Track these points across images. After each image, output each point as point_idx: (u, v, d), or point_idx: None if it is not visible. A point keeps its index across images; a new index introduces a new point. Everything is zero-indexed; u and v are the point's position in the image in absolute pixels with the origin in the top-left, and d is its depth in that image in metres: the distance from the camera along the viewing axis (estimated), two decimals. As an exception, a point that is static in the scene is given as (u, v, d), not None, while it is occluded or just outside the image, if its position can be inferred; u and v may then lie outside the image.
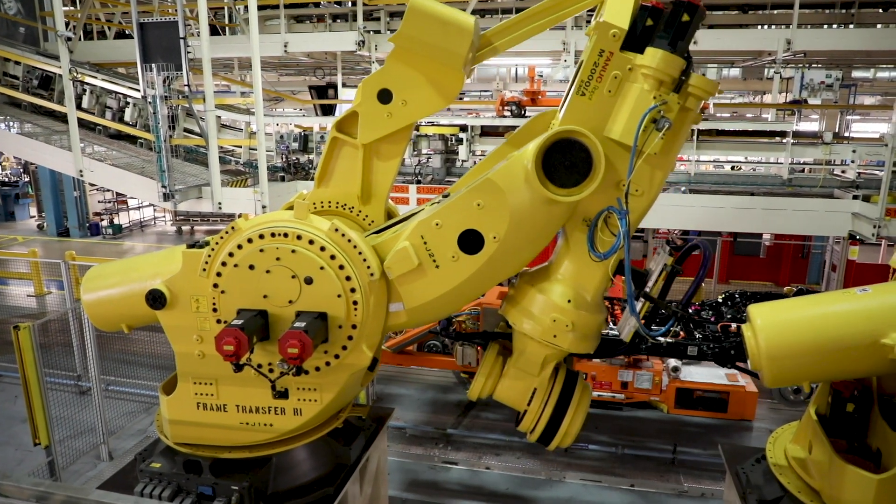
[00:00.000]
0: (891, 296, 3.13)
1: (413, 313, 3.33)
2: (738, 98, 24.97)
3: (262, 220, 3.25)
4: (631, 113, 2.83)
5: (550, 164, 2.91)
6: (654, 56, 2.76)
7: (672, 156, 3.05)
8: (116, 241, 20.30)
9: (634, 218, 3.08)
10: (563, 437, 3.47)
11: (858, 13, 11.45)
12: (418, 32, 3.01)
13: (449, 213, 3.11)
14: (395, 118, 3.29)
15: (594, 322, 3.28)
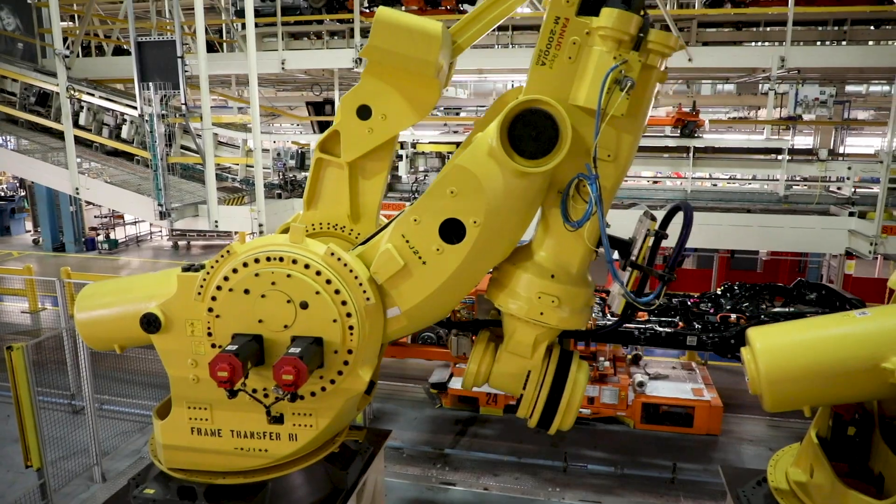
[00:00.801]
0: (890, 319, 3.12)
1: (411, 316, 3.28)
2: (732, 112, 25.12)
3: (257, 243, 3.24)
4: (593, 76, 2.79)
5: (517, 137, 2.86)
6: (610, 15, 2.73)
7: (640, 117, 2.99)
8: (112, 256, 20.23)
9: (609, 185, 3.03)
10: (563, 418, 3.39)
11: (851, 30, 11.54)
12: (387, 44, 2.98)
13: (425, 207, 3.06)
14: (377, 133, 3.27)
15: (581, 295, 3.21)
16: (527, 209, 3.09)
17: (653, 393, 8.41)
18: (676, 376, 9.04)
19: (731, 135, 22.16)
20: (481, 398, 8.68)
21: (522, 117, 2.83)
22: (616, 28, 2.72)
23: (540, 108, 2.81)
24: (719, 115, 25.88)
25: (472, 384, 3.58)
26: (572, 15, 2.81)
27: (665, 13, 10.48)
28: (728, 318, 6.80)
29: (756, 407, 7.97)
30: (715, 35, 12.12)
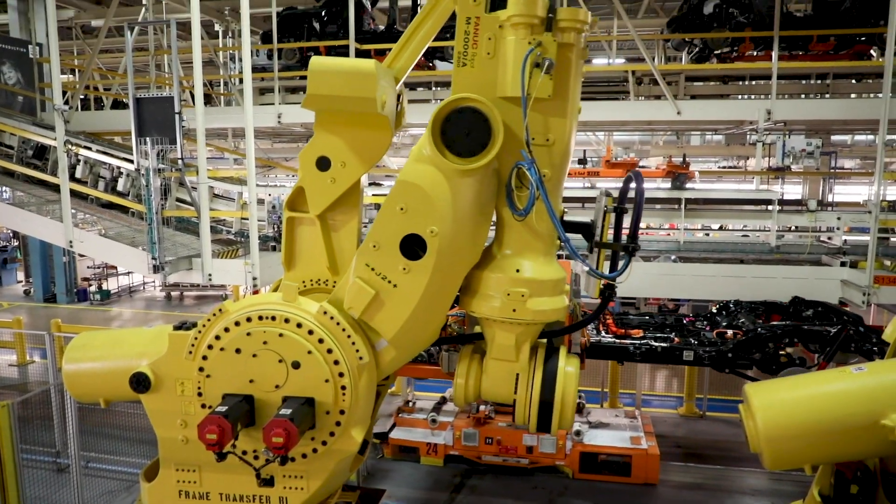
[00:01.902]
0: (887, 374, 3.10)
1: (398, 344, 3.21)
2: (722, 162, 25.51)
3: (249, 302, 3.22)
4: (513, 64, 2.81)
5: (449, 139, 2.85)
6: (517, 3, 2.77)
7: (570, 98, 2.97)
8: (104, 307, 20.07)
9: (554, 169, 3.00)
10: (560, 416, 3.27)
11: (833, 83, 11.87)
12: (324, 90, 3.00)
13: (380, 231, 3.03)
14: (339, 181, 3.27)
15: (550, 284, 3.13)
16: (481, 208, 3.06)
17: (591, 441, 8.34)
18: (617, 424, 8.95)
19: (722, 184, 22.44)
20: (421, 448, 8.59)
21: (451, 118, 2.84)
22: (524, 13, 2.77)
23: (466, 106, 2.83)
24: (709, 164, 26.30)
25: (463, 399, 3.46)
26: (482, 13, 2.87)
27: (653, 68, 10.77)
28: (724, 333, 6.75)
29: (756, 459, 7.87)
30: (702, 88, 12.43)
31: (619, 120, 11.98)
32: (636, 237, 3.14)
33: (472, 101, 2.82)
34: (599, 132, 19.90)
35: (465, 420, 8.51)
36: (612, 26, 18.68)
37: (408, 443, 8.64)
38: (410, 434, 8.70)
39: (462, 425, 8.41)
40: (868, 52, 11.83)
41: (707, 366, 6.36)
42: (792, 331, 6.76)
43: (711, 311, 7.44)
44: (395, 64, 3.28)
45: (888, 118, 7.97)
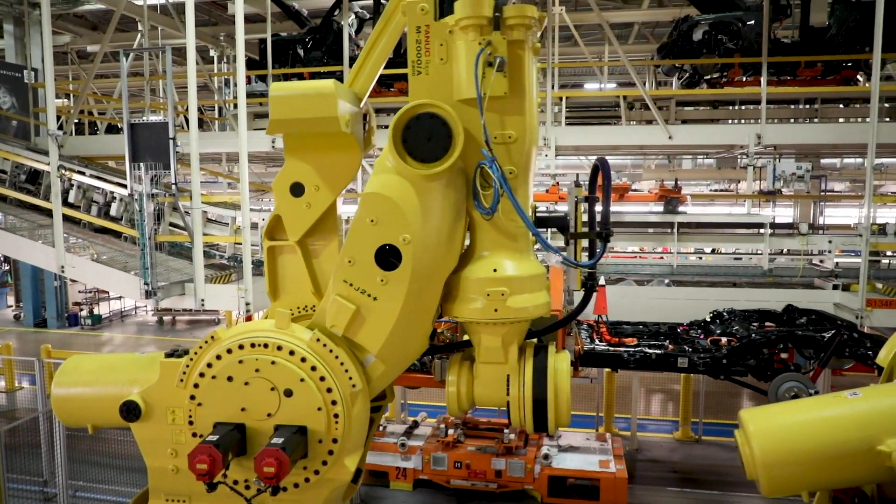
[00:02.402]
0: (882, 399, 3.09)
1: (386, 358, 3.17)
2: (714, 185, 25.72)
3: (241, 329, 3.19)
4: (465, 66, 2.84)
5: (411, 146, 2.85)
6: (464, 6, 2.80)
7: (527, 94, 2.98)
8: (95, 332, 19.89)
9: (519, 165, 3.00)
10: (556, 413, 3.21)
11: (821, 108, 12.05)
12: (286, 114, 3.01)
13: (353, 245, 3.01)
14: (315, 205, 3.27)
15: (529, 280, 3.10)
16: (452, 211, 3.04)
17: (559, 465, 8.25)
18: (587, 448, 8.88)
19: (714, 208, 22.61)
20: (391, 472, 8.50)
21: (410, 126, 2.85)
22: (471, 15, 2.79)
23: (424, 112, 2.84)
24: (701, 187, 26.51)
25: (456, 408, 3.40)
26: (432, 21, 2.91)
27: (644, 93, 10.91)
28: (718, 341, 6.74)
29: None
30: (693, 113, 12.59)
31: (612, 144, 12.09)
32: (608, 223, 3.15)
33: (429, 107, 2.84)
34: (592, 156, 20.05)
35: (435, 444, 8.44)
36: (603, 52, 18.98)
37: (377, 467, 8.54)
38: (380, 458, 8.58)
39: (431, 449, 8.34)
40: (855, 78, 12.04)
41: (702, 372, 6.34)
42: (786, 336, 6.77)
43: (705, 319, 7.44)
44: (356, 84, 3.30)
45: (876, 142, 8.08)
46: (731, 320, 7.31)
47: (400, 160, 2.85)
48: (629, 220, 11.93)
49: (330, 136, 3.09)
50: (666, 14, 16.83)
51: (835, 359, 6.83)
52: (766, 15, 10.73)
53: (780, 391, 6.72)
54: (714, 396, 12.40)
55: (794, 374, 6.68)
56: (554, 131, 10.76)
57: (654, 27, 20.28)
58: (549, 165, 11.04)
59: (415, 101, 2.86)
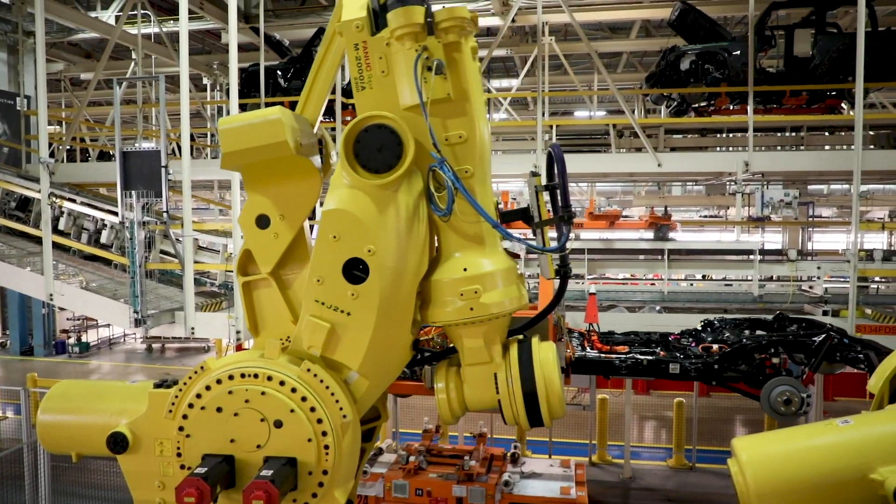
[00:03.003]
0: (873, 427, 3.09)
1: (368, 372, 3.11)
2: (703, 211, 25.97)
3: (232, 359, 3.16)
4: (406, 75, 2.87)
5: (363, 158, 2.87)
6: (395, 17, 2.83)
7: (473, 91, 3.00)
8: (82, 360, 19.66)
9: (475, 164, 3.01)
10: (549, 405, 3.14)
11: (808, 136, 12.25)
12: (236, 145, 3.01)
13: (319, 264, 3.00)
14: (282, 234, 3.25)
15: (500, 273, 3.07)
16: (413, 217, 3.01)
17: (520, 492, 8.21)
18: (549, 474, 8.85)
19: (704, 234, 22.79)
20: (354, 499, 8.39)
21: (360, 139, 2.88)
22: (404, 24, 2.83)
23: (372, 124, 2.87)
24: (691, 213, 26.76)
25: (449, 416, 3.30)
26: (368, 36, 2.94)
27: (633, 121, 11.06)
28: (710, 348, 6.75)
29: None
30: (682, 141, 12.77)
31: (602, 172, 12.21)
32: (569, 205, 3.16)
33: (376, 118, 2.88)
34: (583, 183, 20.24)
35: (397, 471, 8.38)
36: (592, 81, 19.28)
37: None
38: (342, 486, 8.49)
39: (393, 476, 8.27)
40: (839, 106, 12.27)
41: (694, 378, 6.33)
42: (777, 341, 6.81)
43: (696, 328, 7.46)
44: (306, 111, 3.33)
45: (861, 169, 8.20)
46: (723, 328, 7.37)
47: (354, 173, 2.87)
48: (620, 246, 12.01)
49: (285, 163, 3.09)
50: (654, 44, 17.16)
51: (826, 364, 6.87)
52: (751, 45, 10.95)
53: (772, 395, 6.72)
54: (707, 423, 12.37)
55: (786, 379, 6.70)
56: (545, 159, 10.86)
57: (643, 56, 20.65)
58: (540, 193, 11.11)
59: (362, 115, 2.91)
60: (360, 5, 2.99)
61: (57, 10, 13.18)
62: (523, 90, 18.41)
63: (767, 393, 6.72)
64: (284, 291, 3.38)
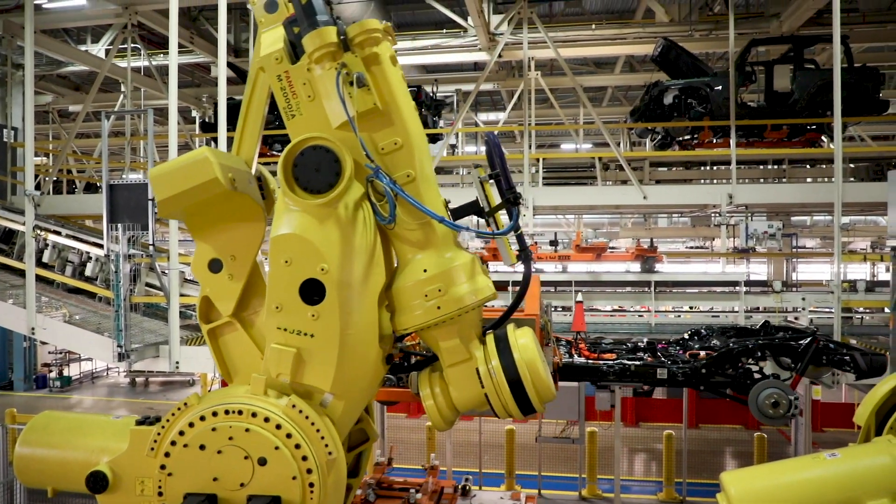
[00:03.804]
0: (861, 460, 3.10)
1: (341, 392, 3.09)
2: (689, 242, 26.21)
3: (216, 395, 3.13)
4: (330, 94, 2.94)
5: (304, 181, 2.91)
6: (310, 41, 2.90)
7: (399, 98, 3.05)
8: (64, 394, 19.29)
9: (416, 167, 3.06)
10: (536, 390, 3.14)
11: (789, 169, 12.47)
12: (169, 191, 3.02)
13: (275, 291, 3.01)
14: (237, 274, 3.25)
15: (459, 268, 3.09)
16: (361, 230, 3.04)
17: None
18: None
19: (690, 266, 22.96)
20: None
21: (297, 163, 2.92)
22: (320, 46, 2.89)
23: (307, 147, 2.92)
24: (677, 244, 26.99)
25: (441, 422, 3.30)
26: (289, 66, 3.01)
27: (618, 154, 11.22)
28: (697, 354, 6.80)
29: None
30: (666, 174, 12.94)
31: (589, 204, 12.33)
32: (512, 187, 3.22)
33: (309, 140, 2.93)
34: (570, 215, 20.41)
35: None
36: (578, 114, 19.58)
37: None
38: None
39: None
40: (819, 140, 12.54)
41: (681, 383, 6.36)
42: (764, 345, 6.87)
43: (684, 337, 7.49)
44: (241, 151, 3.36)
45: (842, 201, 8.34)
46: (710, 336, 7.43)
47: (296, 197, 2.91)
48: (607, 279, 12.06)
49: (223, 201, 3.10)
50: (638, 78, 17.50)
51: (814, 368, 6.94)
52: (732, 80, 11.20)
53: (760, 398, 6.75)
54: (697, 455, 12.30)
55: (774, 381, 6.74)
56: (532, 192, 10.98)
57: (627, 90, 21.04)
58: (528, 224, 11.20)
59: (294, 140, 2.95)
60: (277, 38, 3.06)
61: (47, 43, 13.27)
62: (510, 123, 18.65)
63: (755, 396, 6.76)
64: (250, 331, 3.36)
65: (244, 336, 3.33)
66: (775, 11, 13.29)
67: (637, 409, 16.79)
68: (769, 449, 11.56)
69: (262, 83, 3.24)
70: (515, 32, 12.27)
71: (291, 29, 3.03)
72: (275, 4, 3.10)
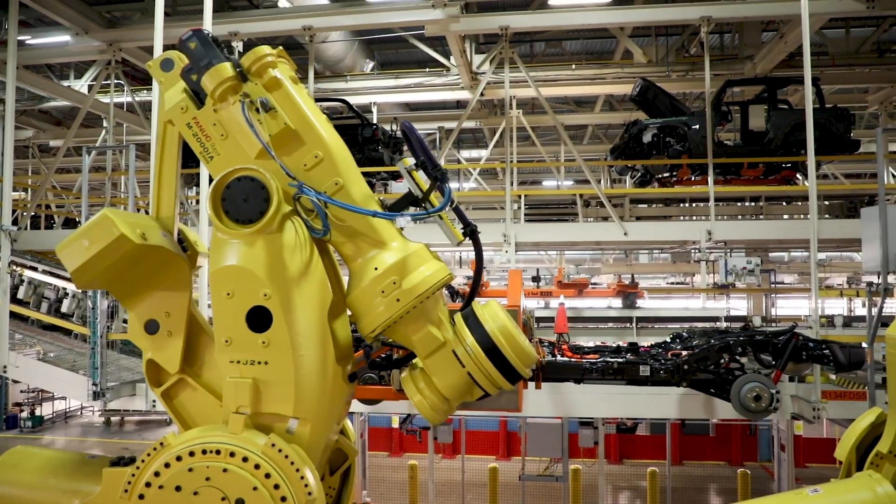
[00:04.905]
0: (842, 496, 3.11)
1: (306, 414, 3.02)
2: (670, 278, 26.43)
3: (193, 435, 3.05)
4: (240, 127, 2.98)
5: (234, 213, 2.91)
6: (208, 81, 2.98)
7: (305, 114, 3.09)
8: (35, 434, 18.74)
9: (341, 174, 3.09)
10: (518, 357, 3.09)
11: (766, 206, 12.71)
12: (79, 259, 2.98)
13: (222, 325, 2.98)
14: (175, 331, 3.21)
15: (412, 260, 3.06)
16: (298, 250, 3.02)
17: None
18: None
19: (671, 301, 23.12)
20: None
21: (224, 197, 2.93)
22: (219, 84, 2.97)
23: (232, 179, 2.93)
24: (658, 280, 27.21)
25: (433, 415, 3.21)
26: (196, 112, 3.08)
27: (599, 191, 11.36)
28: (679, 354, 6.85)
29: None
30: (646, 211, 13.12)
31: (570, 240, 12.43)
32: (437, 166, 3.22)
33: (233, 173, 2.94)
34: (552, 251, 20.54)
35: None
36: (559, 152, 19.88)
37: None
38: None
39: None
40: (794, 178, 12.83)
41: (664, 379, 6.45)
42: (745, 341, 7.03)
43: (666, 340, 7.55)
44: (161, 212, 3.34)
45: (817, 238, 8.50)
46: (691, 338, 7.51)
47: (229, 230, 2.92)
48: (589, 314, 12.10)
49: (140, 259, 3.09)
50: (617, 117, 17.88)
51: (793, 364, 7.05)
52: (709, 120, 11.47)
53: (742, 392, 6.86)
54: (682, 492, 12.22)
55: (755, 375, 6.87)
56: (514, 228, 11.05)
57: (607, 129, 21.45)
58: (510, 260, 11.24)
59: (217, 177, 2.97)
60: (178, 90, 3.14)
61: (29, 78, 13.27)
62: (492, 161, 18.88)
63: (737, 390, 6.86)
64: (202, 382, 3.31)
65: (198, 390, 3.27)
66: (749, 54, 13.74)
67: (620, 445, 16.69)
68: (753, 485, 11.52)
69: (172, 137, 3.26)
70: (497, 72, 12.51)
71: (190, 77, 3.11)
72: (170, 62, 3.18)
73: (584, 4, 11.65)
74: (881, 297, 6.89)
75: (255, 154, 3.04)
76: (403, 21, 11.76)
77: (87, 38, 11.87)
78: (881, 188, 7.21)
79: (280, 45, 16.15)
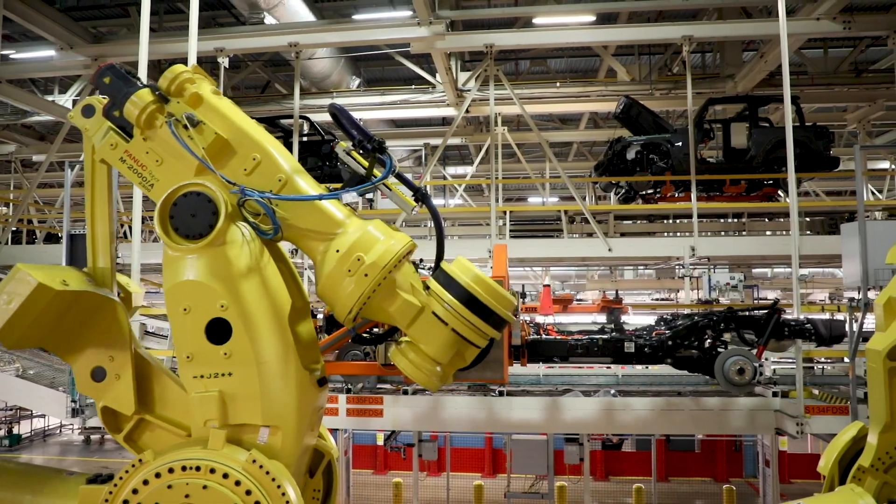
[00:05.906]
0: (824, 510, 3.12)
1: (276, 421, 3.00)
2: (654, 294, 26.57)
3: (173, 451, 3.01)
4: (172, 145, 2.99)
5: (185, 230, 2.92)
6: (130, 110, 3.02)
7: (233, 119, 3.12)
8: (12, 453, 18.35)
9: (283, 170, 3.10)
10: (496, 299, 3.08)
11: (749, 222, 12.86)
12: (2, 317, 2.92)
13: (182, 341, 2.97)
14: (123, 372, 3.18)
15: (370, 236, 3.05)
16: (254, 259, 3.03)
17: None
18: None
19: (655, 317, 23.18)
20: None
21: (172, 214, 2.94)
22: (141, 109, 3.01)
23: (178, 196, 2.95)
24: (642, 296, 27.34)
25: (429, 381, 3.18)
26: (126, 145, 3.11)
27: (584, 207, 11.45)
28: (663, 335, 6.91)
29: None
30: (631, 227, 13.22)
31: (555, 256, 12.48)
32: (370, 138, 3.27)
33: (178, 190, 2.95)
34: (537, 267, 20.60)
35: None
36: (544, 169, 20.02)
37: None
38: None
39: None
40: (776, 194, 12.99)
41: (648, 356, 6.57)
42: (728, 318, 7.20)
43: (650, 325, 7.62)
44: (97, 258, 3.30)
45: (799, 254, 8.59)
46: (675, 320, 7.61)
47: (180, 246, 2.92)
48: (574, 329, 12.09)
49: (67, 308, 3.06)
50: (601, 134, 18.06)
51: (775, 341, 7.15)
52: (691, 137, 11.61)
53: (725, 366, 6.93)
54: (668, 510, 12.17)
55: (738, 349, 6.94)
56: (499, 244, 11.08)
57: (592, 146, 21.66)
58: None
59: (162, 196, 2.97)
60: (104, 129, 3.15)
61: (13, 93, 13.18)
62: (478, 177, 18.97)
63: (721, 364, 6.94)
64: (163, 418, 3.27)
65: (159, 426, 3.23)
66: (730, 73, 13.97)
67: (606, 462, 16.65)
68: (738, 501, 11.54)
69: (102, 176, 3.26)
70: (482, 89, 12.61)
71: (112, 115, 3.12)
72: (91, 108, 3.18)
73: (569, 23, 11.80)
74: (861, 313, 6.96)
75: (194, 171, 3.05)
76: (389, 38, 11.84)
77: (71, 52, 11.83)
78: (860, 205, 7.31)
79: (267, 61, 16.19)
